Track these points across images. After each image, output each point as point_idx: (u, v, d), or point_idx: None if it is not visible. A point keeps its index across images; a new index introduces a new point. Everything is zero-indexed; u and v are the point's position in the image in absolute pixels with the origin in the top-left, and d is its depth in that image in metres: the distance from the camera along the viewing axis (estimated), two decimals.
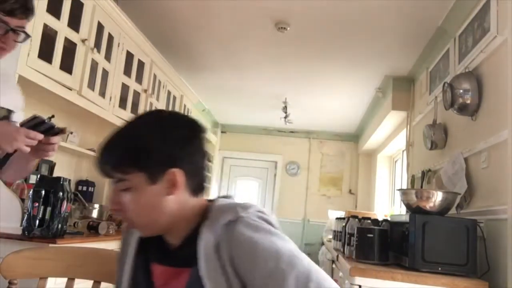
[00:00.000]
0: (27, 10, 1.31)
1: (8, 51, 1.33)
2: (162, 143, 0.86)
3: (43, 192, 1.93)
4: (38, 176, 2.03)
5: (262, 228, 0.87)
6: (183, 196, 0.88)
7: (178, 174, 0.85)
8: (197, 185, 0.91)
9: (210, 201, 0.93)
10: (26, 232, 1.92)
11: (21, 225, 2.01)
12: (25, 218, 1.95)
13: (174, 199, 0.87)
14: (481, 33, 2.23)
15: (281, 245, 0.86)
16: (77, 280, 1.19)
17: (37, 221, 1.93)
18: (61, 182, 1.98)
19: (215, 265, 0.84)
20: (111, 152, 0.86)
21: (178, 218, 0.89)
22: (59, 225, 1.97)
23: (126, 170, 0.84)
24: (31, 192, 1.96)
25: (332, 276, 3.04)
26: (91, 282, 1.20)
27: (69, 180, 2.07)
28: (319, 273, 0.86)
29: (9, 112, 1.39)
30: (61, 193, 1.96)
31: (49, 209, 1.94)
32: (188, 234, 0.90)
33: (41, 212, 1.94)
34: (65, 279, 1.19)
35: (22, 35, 1.33)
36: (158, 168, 0.85)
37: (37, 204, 1.92)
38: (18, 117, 1.42)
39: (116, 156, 0.86)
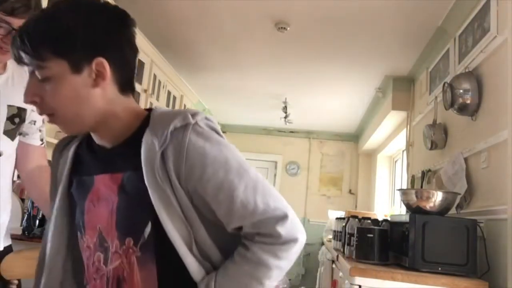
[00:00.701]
0: (29, 9, 1.29)
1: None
2: (87, 28, 0.79)
3: None
4: None
5: (212, 137, 0.84)
6: (111, 91, 0.83)
7: (105, 64, 0.80)
8: (126, 80, 0.86)
9: (149, 110, 0.89)
10: (26, 232, 1.92)
11: (21, 225, 2.02)
12: (25, 218, 1.95)
13: (101, 93, 0.82)
14: (481, 33, 2.23)
15: (230, 155, 0.83)
16: None
17: (37, 221, 1.93)
18: None
19: (160, 173, 0.80)
20: (28, 36, 0.78)
21: (108, 115, 0.84)
22: None
23: (45, 56, 0.77)
24: None
25: (332, 276, 3.04)
26: None
27: None
28: (265, 186, 0.84)
29: (20, 110, 1.40)
30: None
31: None
32: (128, 138, 0.86)
33: (41, 212, 1.94)
34: None
35: None
36: (82, 56, 0.79)
37: (37, 204, 1.92)
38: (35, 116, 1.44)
39: (33, 39, 0.78)
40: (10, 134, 1.38)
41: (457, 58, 2.59)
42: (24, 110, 1.41)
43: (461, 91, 2.25)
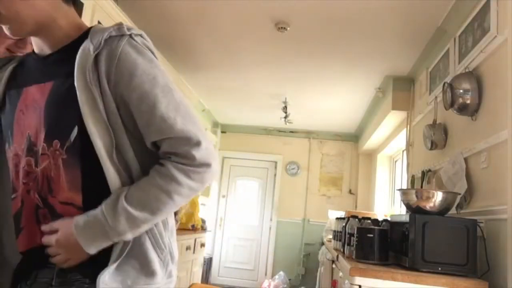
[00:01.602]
0: None
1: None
2: None
3: None
4: None
5: (145, 54, 0.89)
6: None
7: None
8: None
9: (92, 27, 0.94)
10: None
11: None
12: None
13: None
14: (481, 33, 2.23)
15: (159, 74, 0.89)
16: None
17: None
18: None
19: (90, 75, 0.84)
20: None
21: (49, 21, 0.89)
22: None
23: None
24: None
25: (332, 276, 3.04)
26: None
27: None
28: (188, 112, 0.89)
29: None
30: None
31: None
32: (66, 45, 0.91)
33: None
34: None
35: None
36: None
37: None
38: None
39: None
40: None
41: (457, 58, 2.59)
42: None
43: (461, 91, 2.25)
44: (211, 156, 0.88)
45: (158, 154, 0.89)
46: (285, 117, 5.43)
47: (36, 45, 0.95)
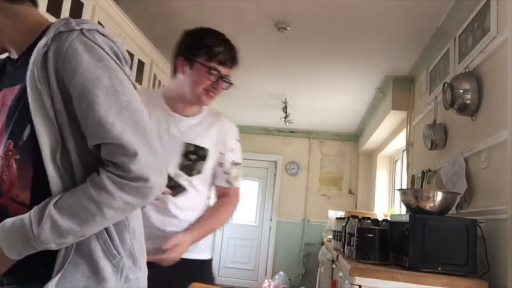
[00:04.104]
0: (234, 62, 1.52)
1: (216, 95, 1.52)
2: None
3: None
4: None
5: (96, 51, 0.84)
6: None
7: None
8: None
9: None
10: None
11: None
12: None
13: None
14: (481, 33, 2.23)
15: (106, 74, 0.83)
16: None
17: None
18: None
19: (39, 72, 0.82)
20: None
21: (3, 27, 0.88)
22: None
23: None
24: None
25: (332, 276, 3.04)
26: None
27: None
28: (134, 118, 0.83)
29: (197, 148, 1.52)
30: None
31: None
32: (29, 45, 0.89)
33: None
34: None
35: (227, 84, 1.52)
36: None
37: None
38: None
39: None
40: (187, 169, 1.49)
41: (457, 58, 2.59)
42: (202, 149, 1.52)
43: (461, 91, 2.25)
44: (150, 170, 0.80)
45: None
46: (285, 117, 5.43)
47: (10, 50, 0.94)
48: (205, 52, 1.45)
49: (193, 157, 1.50)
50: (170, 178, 1.39)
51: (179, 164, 1.48)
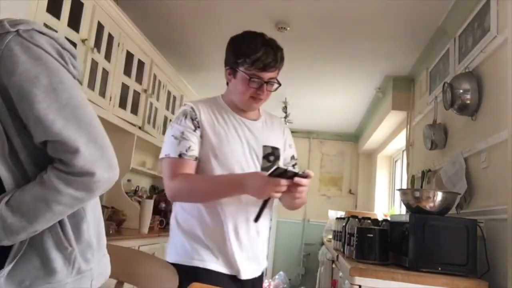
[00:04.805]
0: (276, 63, 1.47)
1: (264, 99, 1.52)
2: None
3: None
4: None
5: (32, 50, 0.84)
6: None
7: None
8: None
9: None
10: None
11: None
12: None
13: None
14: (481, 33, 2.23)
15: (44, 73, 0.83)
16: None
17: None
18: None
19: None
20: None
21: None
22: None
23: None
24: None
25: (332, 276, 3.04)
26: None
27: None
28: (76, 115, 0.83)
29: (273, 149, 1.57)
30: None
31: None
32: None
33: None
34: None
35: (275, 85, 1.52)
36: None
37: None
38: None
39: None
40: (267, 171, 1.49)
41: (457, 58, 2.59)
42: (277, 148, 1.57)
43: (461, 91, 2.25)
44: (95, 164, 0.82)
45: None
46: (285, 117, 5.42)
47: None
48: (244, 60, 1.46)
49: (271, 158, 1.55)
50: None
51: (261, 167, 1.52)
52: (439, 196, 1.97)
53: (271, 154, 1.55)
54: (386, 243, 2.03)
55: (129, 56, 3.16)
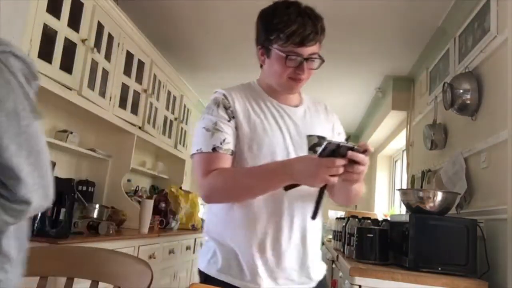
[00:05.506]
0: (316, 35, 1.30)
1: (306, 79, 1.34)
2: None
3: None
4: None
5: (4, 75, 0.84)
6: None
7: None
8: None
9: None
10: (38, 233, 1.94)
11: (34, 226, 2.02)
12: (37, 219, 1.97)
13: None
14: (481, 33, 2.23)
15: (11, 98, 0.84)
16: (76, 280, 1.19)
17: (47, 222, 1.95)
18: (72, 184, 2.01)
19: None
20: None
21: None
22: (70, 225, 2.01)
23: None
24: None
25: (332, 276, 3.04)
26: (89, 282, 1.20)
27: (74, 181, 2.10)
28: (30, 143, 0.85)
29: (320, 138, 1.34)
30: (72, 194, 2.00)
31: (63, 210, 1.99)
32: None
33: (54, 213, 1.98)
34: (64, 279, 1.19)
35: (317, 61, 1.33)
36: None
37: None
38: None
39: None
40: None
41: (457, 58, 2.59)
42: (323, 138, 1.33)
43: (461, 91, 2.25)
44: (34, 193, 0.84)
45: None
46: None
47: None
48: (277, 36, 1.25)
49: (318, 149, 1.30)
50: None
51: None
52: (439, 196, 1.97)
53: (317, 145, 1.32)
54: (386, 243, 2.03)
55: (129, 56, 3.16)
